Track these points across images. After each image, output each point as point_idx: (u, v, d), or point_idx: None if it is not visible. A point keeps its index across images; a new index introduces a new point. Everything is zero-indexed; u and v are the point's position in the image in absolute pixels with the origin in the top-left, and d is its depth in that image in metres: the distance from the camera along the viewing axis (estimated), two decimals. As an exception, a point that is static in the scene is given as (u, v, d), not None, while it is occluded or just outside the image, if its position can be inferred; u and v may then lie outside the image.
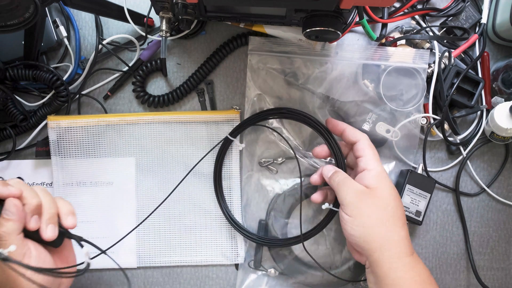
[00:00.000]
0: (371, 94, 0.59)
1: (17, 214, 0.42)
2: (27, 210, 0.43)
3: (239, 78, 0.62)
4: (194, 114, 0.60)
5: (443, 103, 0.57)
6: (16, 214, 0.41)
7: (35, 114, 0.59)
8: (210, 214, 0.60)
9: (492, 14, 0.60)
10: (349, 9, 0.45)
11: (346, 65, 0.59)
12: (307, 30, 0.47)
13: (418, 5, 0.61)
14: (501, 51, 0.62)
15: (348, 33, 0.61)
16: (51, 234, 0.44)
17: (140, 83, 0.60)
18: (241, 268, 0.61)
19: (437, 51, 0.58)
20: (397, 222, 0.49)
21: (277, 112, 0.58)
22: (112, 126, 0.60)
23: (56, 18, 0.59)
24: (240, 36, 0.60)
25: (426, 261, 0.62)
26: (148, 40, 0.60)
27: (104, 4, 0.55)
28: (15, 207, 0.42)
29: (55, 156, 0.59)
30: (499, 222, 0.62)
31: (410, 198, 0.58)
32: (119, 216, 0.60)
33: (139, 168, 0.60)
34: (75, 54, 0.60)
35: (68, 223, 0.46)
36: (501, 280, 0.62)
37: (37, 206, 0.44)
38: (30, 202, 0.43)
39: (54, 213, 0.45)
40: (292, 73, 0.60)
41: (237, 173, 0.60)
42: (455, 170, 0.62)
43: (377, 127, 0.57)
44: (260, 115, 0.58)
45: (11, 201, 0.42)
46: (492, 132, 0.58)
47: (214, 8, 0.50)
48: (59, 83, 0.56)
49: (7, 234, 0.41)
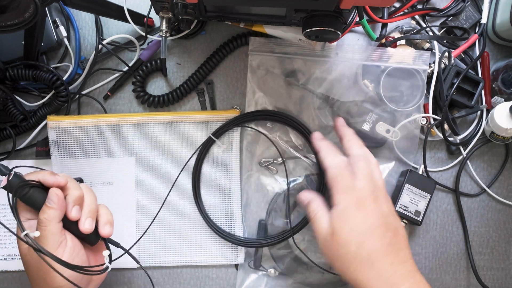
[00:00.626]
0: (371, 94, 0.59)
1: (58, 203, 0.46)
2: (69, 200, 0.48)
3: (239, 78, 0.62)
4: (194, 114, 0.60)
5: (443, 103, 0.57)
6: (56, 203, 0.46)
7: (35, 114, 0.59)
8: (209, 213, 0.60)
9: (492, 14, 0.60)
10: (349, 9, 0.45)
11: (346, 66, 0.59)
12: (307, 30, 0.47)
13: (418, 5, 0.61)
14: (501, 51, 0.62)
15: (348, 33, 0.61)
16: (88, 227, 0.48)
17: (140, 83, 0.60)
18: (241, 268, 0.61)
19: (437, 51, 0.58)
20: (363, 263, 0.45)
21: (262, 115, 0.59)
22: (112, 126, 0.60)
23: (56, 18, 0.59)
24: (240, 36, 0.60)
25: (426, 261, 0.62)
26: (148, 40, 0.60)
27: (104, 4, 0.55)
28: (57, 197, 0.46)
29: (55, 156, 0.59)
30: (499, 222, 0.62)
31: (409, 197, 0.58)
32: (119, 216, 0.60)
33: (139, 168, 0.60)
34: (75, 54, 0.60)
35: (104, 232, 0.49)
36: (501, 280, 0.62)
37: (79, 197, 0.48)
38: (73, 193, 0.48)
39: (94, 209, 0.49)
40: (292, 73, 0.60)
41: (237, 173, 0.60)
42: (455, 170, 0.62)
43: (377, 127, 0.58)
44: (247, 116, 0.59)
45: (53, 190, 0.46)
46: (492, 132, 0.58)
47: (214, 8, 0.50)
48: (59, 83, 0.56)
49: (47, 220, 0.45)
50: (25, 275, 0.60)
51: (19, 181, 0.46)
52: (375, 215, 0.47)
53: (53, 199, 0.46)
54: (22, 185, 0.46)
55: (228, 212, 0.60)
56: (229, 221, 0.60)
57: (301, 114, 0.60)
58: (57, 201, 0.46)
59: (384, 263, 0.45)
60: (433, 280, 0.61)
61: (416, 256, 0.61)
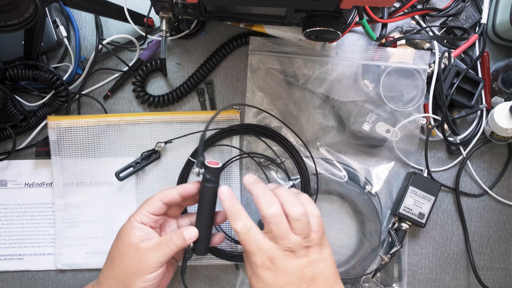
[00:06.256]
0: (371, 94, 0.59)
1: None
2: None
3: (239, 78, 0.62)
4: (194, 114, 0.60)
5: (443, 103, 0.57)
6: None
7: (35, 114, 0.59)
8: (210, 214, 0.60)
9: (492, 14, 0.60)
10: (349, 9, 0.45)
11: (346, 65, 0.59)
12: (307, 30, 0.47)
13: (418, 5, 0.61)
14: (501, 51, 0.62)
15: (348, 33, 0.61)
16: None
17: (140, 83, 0.60)
18: (241, 268, 0.61)
19: (437, 51, 0.58)
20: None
21: (242, 129, 0.59)
22: (112, 126, 0.60)
23: (56, 18, 0.59)
24: (240, 36, 0.60)
25: (426, 261, 0.62)
26: (148, 40, 0.60)
27: (104, 4, 0.55)
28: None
29: (55, 156, 0.59)
30: (499, 222, 0.62)
31: (413, 200, 0.58)
32: (119, 216, 0.60)
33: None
34: (75, 54, 0.60)
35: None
36: (501, 280, 0.62)
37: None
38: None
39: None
40: (292, 73, 0.60)
41: (237, 173, 0.60)
42: (455, 170, 0.62)
43: (377, 127, 0.58)
44: (224, 131, 0.59)
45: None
46: (492, 132, 0.58)
47: (214, 8, 0.50)
48: (59, 83, 0.56)
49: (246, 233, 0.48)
50: (25, 275, 0.60)
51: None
52: (288, 271, 0.45)
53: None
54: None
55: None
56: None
57: (301, 114, 0.60)
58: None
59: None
60: (433, 280, 0.61)
61: (416, 256, 0.61)
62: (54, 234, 0.60)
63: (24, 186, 0.61)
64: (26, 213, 0.61)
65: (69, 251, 0.60)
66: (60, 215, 0.60)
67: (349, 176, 0.59)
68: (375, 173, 0.60)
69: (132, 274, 0.48)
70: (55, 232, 0.60)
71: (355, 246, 0.60)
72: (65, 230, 0.60)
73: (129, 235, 0.50)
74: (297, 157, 0.58)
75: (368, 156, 0.61)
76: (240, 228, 0.47)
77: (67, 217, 0.60)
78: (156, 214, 0.51)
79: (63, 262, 0.60)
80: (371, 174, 0.60)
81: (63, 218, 0.60)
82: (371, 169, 0.60)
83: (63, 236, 0.60)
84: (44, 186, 0.61)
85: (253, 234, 0.47)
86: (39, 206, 0.61)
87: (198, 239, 0.51)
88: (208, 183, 0.50)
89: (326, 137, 0.60)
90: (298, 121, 0.60)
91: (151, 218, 0.51)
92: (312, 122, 0.60)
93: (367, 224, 0.59)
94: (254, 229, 0.47)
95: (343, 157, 0.60)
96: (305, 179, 0.58)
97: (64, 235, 0.60)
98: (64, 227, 0.60)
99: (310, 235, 0.47)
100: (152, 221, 0.51)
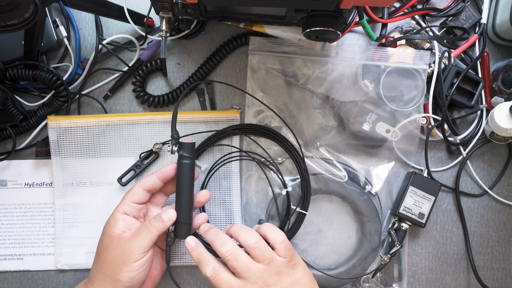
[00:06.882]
0: (371, 94, 0.59)
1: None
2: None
3: (239, 78, 0.62)
4: (194, 114, 0.60)
5: (443, 103, 0.57)
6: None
7: (35, 114, 0.59)
8: (209, 213, 0.60)
9: (492, 14, 0.60)
10: (349, 9, 0.45)
11: (346, 66, 0.59)
12: (307, 30, 0.47)
13: (418, 5, 0.61)
14: (501, 51, 0.62)
15: (348, 33, 0.61)
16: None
17: (140, 83, 0.60)
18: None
19: (437, 51, 0.58)
20: None
21: (241, 128, 0.59)
22: (112, 126, 0.60)
23: (56, 18, 0.59)
24: (240, 36, 0.60)
25: (426, 261, 0.62)
26: (148, 40, 0.60)
27: (104, 4, 0.55)
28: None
29: (55, 156, 0.59)
30: (499, 222, 0.62)
31: (413, 200, 0.58)
32: (119, 216, 0.60)
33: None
34: (75, 54, 0.60)
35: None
36: (501, 280, 0.62)
37: None
38: None
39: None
40: (292, 73, 0.60)
41: (237, 173, 0.60)
42: (455, 170, 0.62)
43: (377, 127, 0.58)
44: (221, 132, 0.59)
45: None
46: (492, 132, 0.58)
47: (214, 8, 0.50)
48: (59, 83, 0.56)
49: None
50: (25, 275, 0.61)
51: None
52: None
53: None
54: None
55: (228, 212, 0.60)
56: (229, 221, 0.60)
57: (301, 114, 0.60)
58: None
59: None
60: (433, 280, 0.61)
61: (416, 256, 0.62)
62: (54, 234, 0.60)
63: (24, 186, 0.61)
64: (26, 213, 0.61)
65: (69, 251, 0.60)
66: (60, 215, 0.60)
67: (349, 176, 0.59)
68: (375, 173, 0.60)
69: (117, 265, 0.49)
70: (55, 232, 0.60)
71: (355, 246, 0.60)
72: (65, 230, 0.60)
73: (112, 227, 0.51)
74: (297, 157, 0.58)
75: (368, 156, 0.61)
76: (209, 272, 0.48)
77: (67, 217, 0.60)
78: (138, 202, 0.52)
79: (63, 262, 0.60)
80: (371, 174, 0.60)
81: (63, 218, 0.60)
82: (371, 169, 0.60)
83: (63, 236, 0.60)
84: (44, 186, 0.61)
85: (221, 275, 0.48)
86: (39, 206, 0.61)
87: (178, 221, 0.51)
88: (183, 159, 0.51)
89: (326, 137, 0.60)
90: (298, 121, 0.60)
91: (134, 207, 0.52)
92: (312, 122, 0.60)
93: (367, 224, 0.59)
94: (223, 271, 0.48)
95: (343, 157, 0.60)
96: (305, 179, 0.58)
97: (64, 235, 0.60)
98: (64, 227, 0.60)
99: (274, 259, 0.48)
100: (135, 210, 0.52)
